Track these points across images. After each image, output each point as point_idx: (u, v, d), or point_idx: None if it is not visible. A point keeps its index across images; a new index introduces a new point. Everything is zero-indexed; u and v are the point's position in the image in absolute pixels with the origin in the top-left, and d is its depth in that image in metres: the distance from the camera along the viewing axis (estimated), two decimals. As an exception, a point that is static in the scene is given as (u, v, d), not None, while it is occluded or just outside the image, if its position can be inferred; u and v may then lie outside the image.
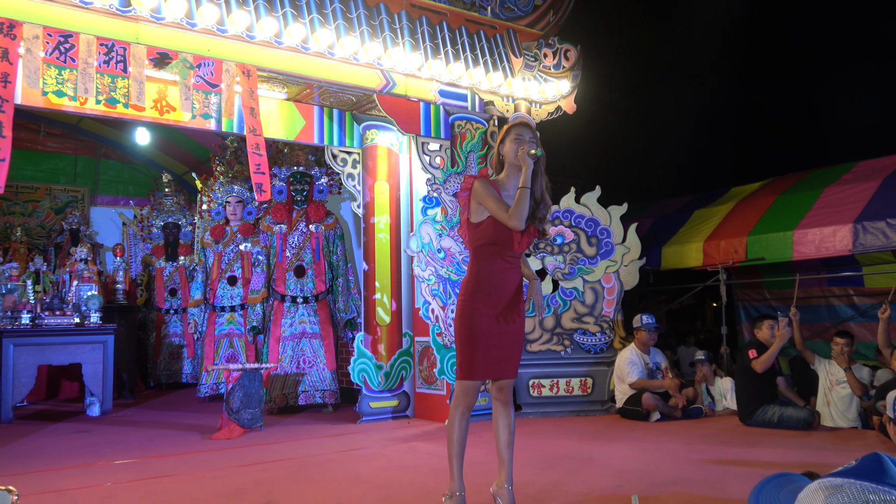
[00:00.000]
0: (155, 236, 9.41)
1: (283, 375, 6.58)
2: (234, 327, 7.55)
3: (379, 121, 6.25)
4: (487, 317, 3.04)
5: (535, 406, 6.46)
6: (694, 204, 8.98)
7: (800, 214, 7.05)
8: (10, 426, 6.17)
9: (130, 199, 10.54)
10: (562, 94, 6.71)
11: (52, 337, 6.64)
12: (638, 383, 6.15)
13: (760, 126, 15.45)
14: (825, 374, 5.95)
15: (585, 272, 6.71)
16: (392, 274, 6.28)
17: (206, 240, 7.79)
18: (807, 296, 7.66)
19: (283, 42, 5.11)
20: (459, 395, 3.08)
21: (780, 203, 7.51)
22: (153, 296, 9.24)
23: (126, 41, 4.59)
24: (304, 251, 6.85)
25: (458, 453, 3.07)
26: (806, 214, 6.99)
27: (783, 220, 7.16)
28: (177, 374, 8.99)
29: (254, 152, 4.99)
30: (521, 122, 3.19)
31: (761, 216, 7.50)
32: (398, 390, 6.18)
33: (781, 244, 7.02)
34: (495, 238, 3.06)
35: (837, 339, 5.82)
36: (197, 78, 4.80)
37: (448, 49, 6.04)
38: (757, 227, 7.38)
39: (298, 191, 6.93)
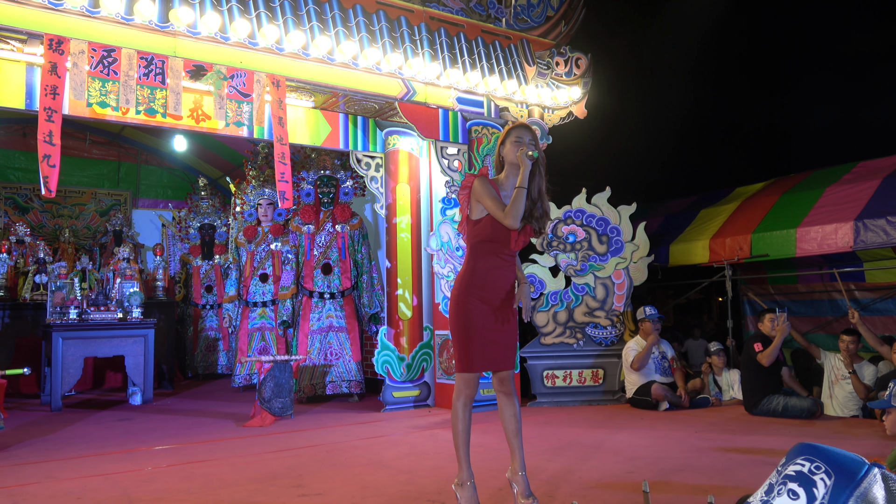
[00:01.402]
0: (192, 236, 9.50)
1: (311, 367, 6.62)
2: (266, 321, 7.61)
3: (400, 127, 6.26)
4: (482, 311, 3.00)
5: (548, 396, 6.44)
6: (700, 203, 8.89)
7: (802, 213, 6.95)
8: (60, 414, 6.26)
9: (169, 202, 10.65)
10: (573, 100, 6.67)
11: (98, 331, 6.73)
12: (636, 363, 6.12)
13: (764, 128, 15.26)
14: (830, 367, 5.86)
15: (596, 269, 6.67)
16: (413, 271, 6.29)
17: (240, 240, 7.86)
18: (809, 290, 7.56)
19: (311, 54, 5.13)
20: (461, 387, 3.04)
21: (784, 202, 7.41)
22: (190, 292, 9.33)
23: (164, 55, 4.63)
24: (330, 250, 6.88)
25: (464, 442, 3.03)
26: (808, 213, 6.89)
27: (786, 219, 7.07)
28: (212, 366, 9.08)
29: (280, 161, 5.02)
30: (521, 125, 3.16)
31: (765, 214, 7.41)
32: (419, 381, 6.19)
33: (785, 241, 6.94)
34: (492, 236, 3.02)
35: (844, 336, 5.74)
36: (230, 88, 4.84)
37: (465, 59, 6.04)
38: (761, 224, 7.30)
39: (325, 193, 6.96)
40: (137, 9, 4.49)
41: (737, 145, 15.73)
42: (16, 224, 8.89)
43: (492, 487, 3.35)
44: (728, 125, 15.75)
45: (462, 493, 3.00)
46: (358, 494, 3.33)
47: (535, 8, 6.61)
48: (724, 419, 5.49)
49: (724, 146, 15.94)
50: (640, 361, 6.10)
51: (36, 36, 4.38)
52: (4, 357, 7.41)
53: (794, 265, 7.45)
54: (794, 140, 14.66)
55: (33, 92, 4.82)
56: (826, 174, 7.54)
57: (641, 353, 6.11)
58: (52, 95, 4.31)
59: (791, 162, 12.66)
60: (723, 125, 15.79)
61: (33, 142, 4.23)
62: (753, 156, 15.02)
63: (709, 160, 15.82)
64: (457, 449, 3.04)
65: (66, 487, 3.57)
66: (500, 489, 3.33)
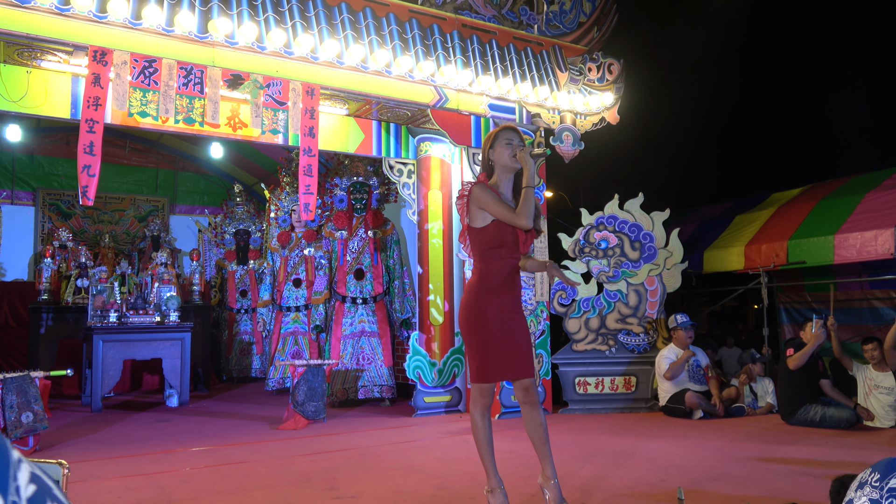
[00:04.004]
0: (227, 242, 9.65)
1: (343, 371, 6.68)
2: (299, 326, 7.69)
3: (432, 134, 6.31)
4: (496, 318, 2.96)
5: (580, 403, 6.41)
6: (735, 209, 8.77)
7: (841, 219, 6.82)
8: (100, 415, 6.41)
9: (205, 207, 10.85)
10: (605, 106, 6.64)
11: (136, 334, 6.87)
12: (669, 372, 6.05)
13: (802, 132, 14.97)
14: (863, 379, 5.74)
15: (629, 275, 6.63)
16: (445, 277, 6.32)
17: (274, 245, 7.97)
18: (848, 298, 7.40)
19: (345, 62, 5.21)
20: (476, 397, 3.02)
21: (821, 208, 7.28)
22: (226, 296, 9.47)
23: (203, 64, 4.74)
24: (363, 255, 6.94)
25: (488, 451, 3.01)
26: (847, 219, 6.76)
27: (824, 225, 6.94)
28: (247, 369, 9.19)
29: (305, 173, 5.08)
30: (509, 127, 3.14)
31: (802, 221, 7.28)
32: (450, 386, 6.21)
33: (822, 248, 6.80)
34: (501, 240, 3.00)
35: (865, 346, 5.64)
36: (266, 97, 4.93)
37: (497, 65, 6.06)
38: (798, 231, 7.17)
39: (358, 199, 7.03)
40: (178, 20, 4.61)
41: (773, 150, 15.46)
42: (59, 229, 9.14)
43: (524, 494, 3.35)
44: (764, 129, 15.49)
45: (493, 499, 3.00)
46: (391, 498, 3.36)
47: (567, 14, 6.61)
48: (759, 428, 5.40)
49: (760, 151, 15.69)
50: (674, 371, 6.04)
51: (81, 48, 4.52)
52: (48, 359, 7.61)
53: (832, 272, 7.30)
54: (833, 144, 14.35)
55: (78, 102, 4.97)
56: (866, 179, 7.38)
57: (676, 364, 6.04)
58: (95, 107, 4.45)
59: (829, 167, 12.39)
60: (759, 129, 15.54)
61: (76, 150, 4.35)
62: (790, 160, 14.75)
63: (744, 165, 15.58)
64: (482, 458, 3.02)
65: (107, 486, 3.67)
66: (532, 495, 3.32)
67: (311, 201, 5.06)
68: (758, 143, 15.69)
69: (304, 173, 5.08)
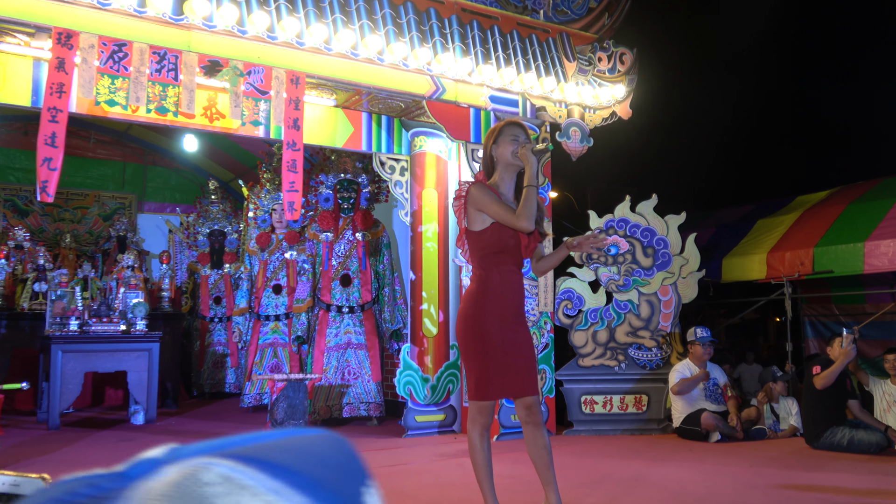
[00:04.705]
0: (201, 243, 9.62)
1: (327, 387, 6.67)
2: (279, 337, 7.69)
3: (428, 127, 6.32)
4: (496, 330, 2.98)
5: (587, 423, 6.42)
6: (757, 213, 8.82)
7: (871, 225, 6.87)
8: (58, 433, 6.38)
9: (177, 205, 10.82)
10: (617, 100, 6.68)
11: (99, 344, 6.84)
12: (677, 386, 6.07)
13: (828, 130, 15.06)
14: (881, 394, 5.80)
15: (641, 284, 6.66)
16: (440, 284, 6.33)
17: (252, 248, 7.97)
18: (878, 311, 7.44)
19: (333, 48, 5.22)
20: (475, 415, 3.02)
21: (850, 213, 7.33)
22: (198, 304, 9.44)
23: (178, 49, 4.75)
24: (350, 260, 6.95)
25: (486, 476, 3.00)
26: (878, 225, 6.81)
27: (853, 231, 6.99)
28: (220, 384, 9.16)
29: (289, 169, 5.09)
30: (514, 122, 3.17)
31: (829, 226, 7.34)
32: (445, 404, 6.21)
33: (851, 256, 6.85)
34: (502, 245, 3.02)
35: (888, 356, 5.69)
36: (247, 85, 4.94)
37: (499, 54, 6.09)
38: (825, 238, 7.22)
39: (345, 198, 7.03)
40: (151, 1, 4.62)
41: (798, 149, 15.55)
42: (15, 228, 9.09)
43: (525, 522, 3.36)
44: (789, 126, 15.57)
45: (493, 527, 3.01)
46: (379, 526, 3.35)
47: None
48: (782, 453, 5.42)
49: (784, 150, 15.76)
50: (683, 387, 6.06)
51: (44, 29, 4.52)
52: (0, 370, 7.57)
53: (862, 283, 7.35)
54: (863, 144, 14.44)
55: (40, 88, 4.97)
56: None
57: (688, 381, 6.06)
58: (58, 94, 4.45)
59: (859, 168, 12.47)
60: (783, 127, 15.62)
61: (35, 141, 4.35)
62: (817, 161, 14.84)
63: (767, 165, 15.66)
64: (480, 483, 3.02)
65: (67, 511, 3.65)
66: (535, 524, 3.33)
67: (296, 200, 5.07)
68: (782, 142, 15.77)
69: (287, 169, 5.09)
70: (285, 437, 0.50)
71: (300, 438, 0.50)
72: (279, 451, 0.47)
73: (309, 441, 0.50)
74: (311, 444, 0.50)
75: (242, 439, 0.50)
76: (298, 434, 0.51)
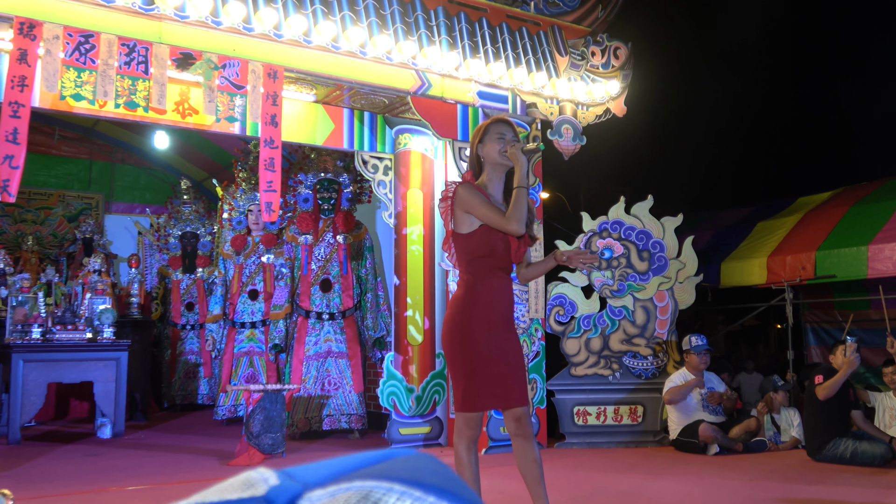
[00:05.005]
0: (172, 246, 9.59)
1: (306, 398, 6.66)
2: (255, 345, 7.67)
3: (413, 124, 6.33)
4: (484, 337, 2.99)
5: (579, 436, 6.45)
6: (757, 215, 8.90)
7: (875, 227, 6.95)
8: (19, 447, 6.32)
9: (147, 206, 10.76)
10: (611, 96, 6.72)
11: (63, 353, 6.79)
12: (668, 395, 6.10)
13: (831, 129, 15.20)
14: (883, 408, 5.86)
15: (636, 289, 6.69)
16: (425, 289, 6.33)
17: (227, 251, 7.94)
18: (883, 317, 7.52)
19: (313, 41, 5.22)
20: (462, 428, 3.03)
21: (854, 214, 7.41)
22: (169, 310, 9.41)
23: (148, 41, 4.74)
24: (330, 264, 6.94)
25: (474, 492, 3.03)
26: (882, 227, 6.89)
27: (857, 234, 7.07)
28: (192, 395, 9.13)
29: (267, 168, 5.09)
30: (501, 119, 3.19)
31: (832, 229, 7.41)
32: (430, 416, 6.21)
33: (855, 260, 6.93)
34: (491, 249, 3.03)
35: (885, 369, 5.76)
36: (221, 79, 4.93)
37: (488, 47, 6.11)
38: (827, 241, 7.30)
39: (326, 199, 7.03)
40: (119, -11, 4.60)
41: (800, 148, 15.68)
42: (-27, 230, 9.03)
43: (515, 539, 3.37)
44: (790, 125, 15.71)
45: (481, 545, 3.01)
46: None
47: (567, -10, 6.69)
48: (783, 465, 5.47)
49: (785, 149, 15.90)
50: (674, 395, 6.09)
51: (5, 18, 4.49)
52: (-42, 381, 7.50)
53: (866, 288, 7.42)
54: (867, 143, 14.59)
55: (0, 82, 4.93)
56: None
57: (680, 389, 6.09)
58: (20, 88, 4.42)
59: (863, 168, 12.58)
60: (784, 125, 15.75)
61: (-3, 137, 4.31)
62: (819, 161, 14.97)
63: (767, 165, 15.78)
64: None
65: (29, 530, 3.63)
66: (525, 542, 3.34)
67: (274, 200, 5.06)
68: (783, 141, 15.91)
69: (265, 168, 5.08)
70: (397, 457, 0.51)
71: (410, 458, 0.51)
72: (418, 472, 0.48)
73: (418, 460, 0.51)
74: (424, 463, 0.51)
75: (364, 460, 0.50)
76: (402, 454, 0.51)
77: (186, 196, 9.81)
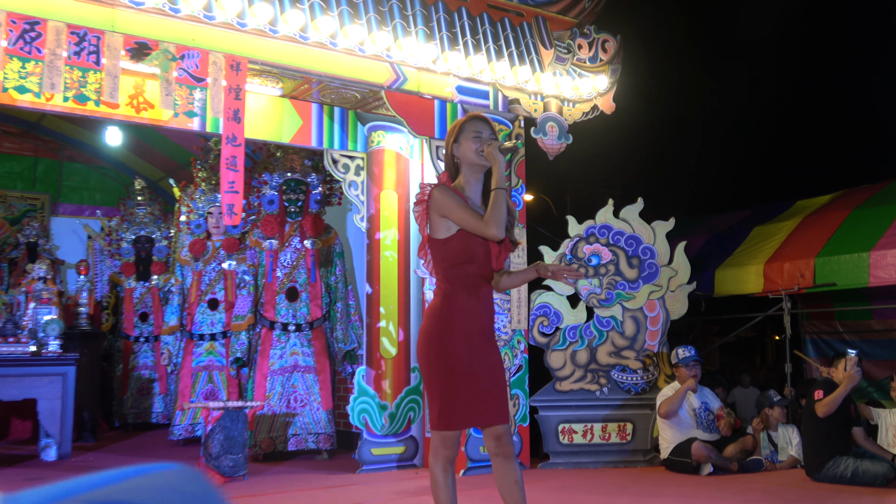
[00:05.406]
0: (124, 252, 9.51)
1: (270, 416, 6.62)
2: (215, 359, 7.61)
3: (387, 121, 6.34)
4: (463, 350, 3.01)
5: (564, 455, 6.47)
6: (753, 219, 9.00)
7: (878, 233, 7.05)
8: (-45, 471, 6.24)
9: (97, 208, 10.66)
10: (599, 92, 6.78)
11: (4, 368, 6.70)
12: (663, 407, 6.14)
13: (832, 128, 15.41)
14: (885, 426, 5.95)
15: (625, 298, 6.74)
16: (400, 298, 6.33)
17: (184, 256, 7.89)
18: (886, 328, 7.64)
19: (279, 30, 5.22)
20: (438, 447, 3.04)
21: (855, 219, 7.51)
22: (121, 321, 9.33)
23: (100, 29, 4.70)
24: (297, 271, 6.92)
25: None
26: (885, 232, 6.99)
27: (858, 240, 7.17)
28: (146, 413, 9.05)
29: (228, 167, 5.07)
30: (477, 116, 3.21)
31: (832, 234, 7.51)
32: (405, 435, 6.21)
33: (856, 267, 7.02)
34: (470, 255, 3.04)
35: (893, 383, 5.84)
36: (180, 71, 4.91)
37: (468, 39, 6.14)
38: (827, 247, 7.39)
39: (292, 201, 7.01)
40: (68, -27, 4.58)
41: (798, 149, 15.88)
42: None
43: (495, 567, 3.38)
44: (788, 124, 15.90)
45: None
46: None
47: (552, -21, 6.75)
48: (779, 486, 5.53)
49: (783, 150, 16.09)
50: (669, 406, 6.13)
51: (-57, 4, 4.44)
52: None
53: (868, 297, 7.53)
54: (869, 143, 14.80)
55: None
56: (907, 185, 7.67)
57: (673, 398, 6.14)
58: (-40, 76, 4.37)
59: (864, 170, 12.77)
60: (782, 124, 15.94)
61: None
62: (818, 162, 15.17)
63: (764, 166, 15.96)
64: None
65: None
66: (506, 569, 3.35)
67: (236, 202, 5.05)
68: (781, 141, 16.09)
69: (227, 167, 5.06)
70: (139, 475, 0.52)
71: (155, 476, 0.52)
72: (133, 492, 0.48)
73: (164, 478, 0.52)
74: (166, 480, 0.51)
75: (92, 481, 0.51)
76: (153, 471, 0.52)
77: (141, 197, 9.73)
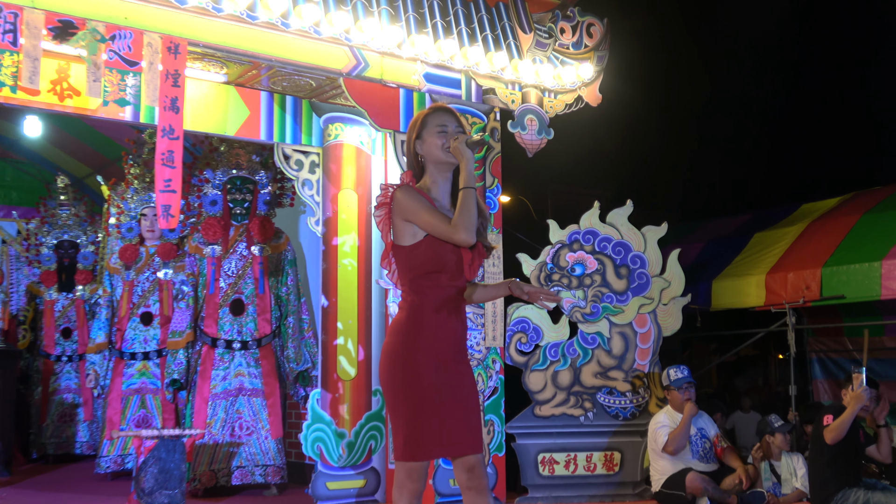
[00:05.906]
0: (45, 258, 9.41)
1: (212, 445, 6.58)
2: (148, 381, 7.55)
3: (345, 112, 6.34)
4: (432, 371, 3.01)
5: (545, 489, 6.49)
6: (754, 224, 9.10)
7: (891, 240, 7.14)
8: None
9: (13, 208, 10.53)
10: (583, 81, 6.82)
11: None
12: (671, 445, 6.16)
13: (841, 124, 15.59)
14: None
15: (613, 312, 6.78)
16: (360, 312, 6.32)
17: (114, 264, 7.82)
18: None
19: (223, 9, 5.19)
20: (403, 480, 3.04)
21: (865, 224, 7.61)
22: (40, 337, 9.22)
23: (18, 5, 4.65)
24: (243, 281, 6.88)
25: None
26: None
27: (868, 247, 7.25)
28: (69, 443, 8.95)
29: (165, 163, 5.03)
30: (439, 109, 3.23)
31: (840, 241, 7.60)
32: (365, 466, 6.19)
33: (866, 278, 7.11)
34: (439, 263, 3.05)
35: None
36: (110, 54, 4.87)
37: (437, 21, 6.15)
38: (835, 255, 7.48)
39: (238, 202, 6.98)
40: (-18, -60, 4.52)
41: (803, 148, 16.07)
42: None
43: None
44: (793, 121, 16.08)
45: None
46: None
47: (532, -45, 6.79)
48: (784, 522, 5.58)
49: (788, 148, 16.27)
50: (677, 442, 6.17)
51: None
52: None
53: (880, 311, 7.63)
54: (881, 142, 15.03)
55: None
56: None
57: (677, 431, 6.17)
58: None
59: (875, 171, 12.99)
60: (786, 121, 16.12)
61: None
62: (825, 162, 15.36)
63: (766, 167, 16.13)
64: None
65: None
66: None
67: (173, 202, 5.00)
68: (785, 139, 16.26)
69: (162, 163, 5.02)
70: None
71: None
72: None
73: None
74: None
75: None
76: None
77: (64, 196, 9.64)
